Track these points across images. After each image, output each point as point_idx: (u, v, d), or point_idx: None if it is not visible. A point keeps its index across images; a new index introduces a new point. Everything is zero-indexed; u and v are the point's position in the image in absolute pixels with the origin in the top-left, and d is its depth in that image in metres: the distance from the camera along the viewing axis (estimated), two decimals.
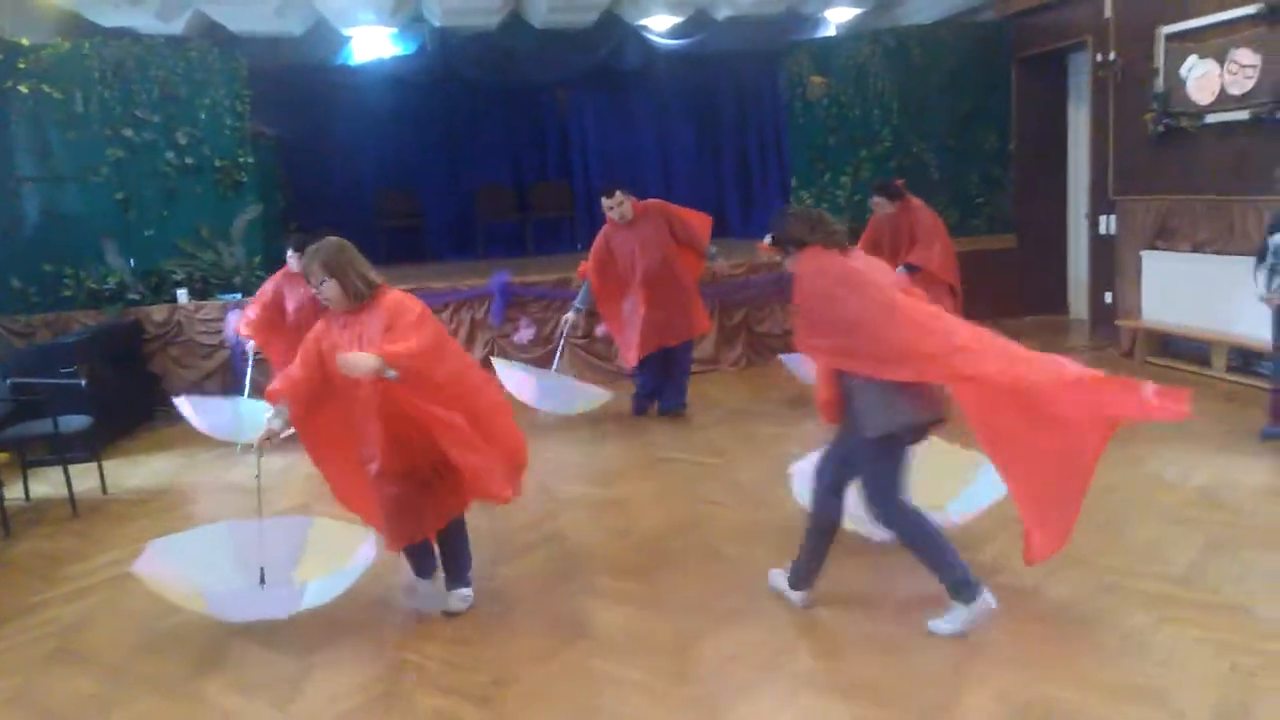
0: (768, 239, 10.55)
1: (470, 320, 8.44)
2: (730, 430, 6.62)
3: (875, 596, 3.93)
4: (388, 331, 3.66)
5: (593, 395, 7.07)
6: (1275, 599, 3.70)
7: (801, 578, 3.90)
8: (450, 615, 4.03)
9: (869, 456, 3.59)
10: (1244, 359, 7.18)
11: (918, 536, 3.62)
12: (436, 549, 4.18)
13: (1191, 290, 7.57)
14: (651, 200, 6.89)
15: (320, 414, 3.92)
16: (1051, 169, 10.01)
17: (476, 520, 5.08)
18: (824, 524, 3.83)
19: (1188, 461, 5.38)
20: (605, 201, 6.68)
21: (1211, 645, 3.39)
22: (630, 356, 6.84)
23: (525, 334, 8.43)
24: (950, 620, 3.57)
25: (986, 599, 3.53)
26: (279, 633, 3.94)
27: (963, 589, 3.53)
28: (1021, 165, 10.00)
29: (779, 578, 4.02)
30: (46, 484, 6.08)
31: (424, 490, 3.89)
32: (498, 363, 7.10)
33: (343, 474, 4.07)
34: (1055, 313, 9.98)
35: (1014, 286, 9.86)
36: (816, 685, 3.32)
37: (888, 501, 3.62)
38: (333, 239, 3.87)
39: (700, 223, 6.94)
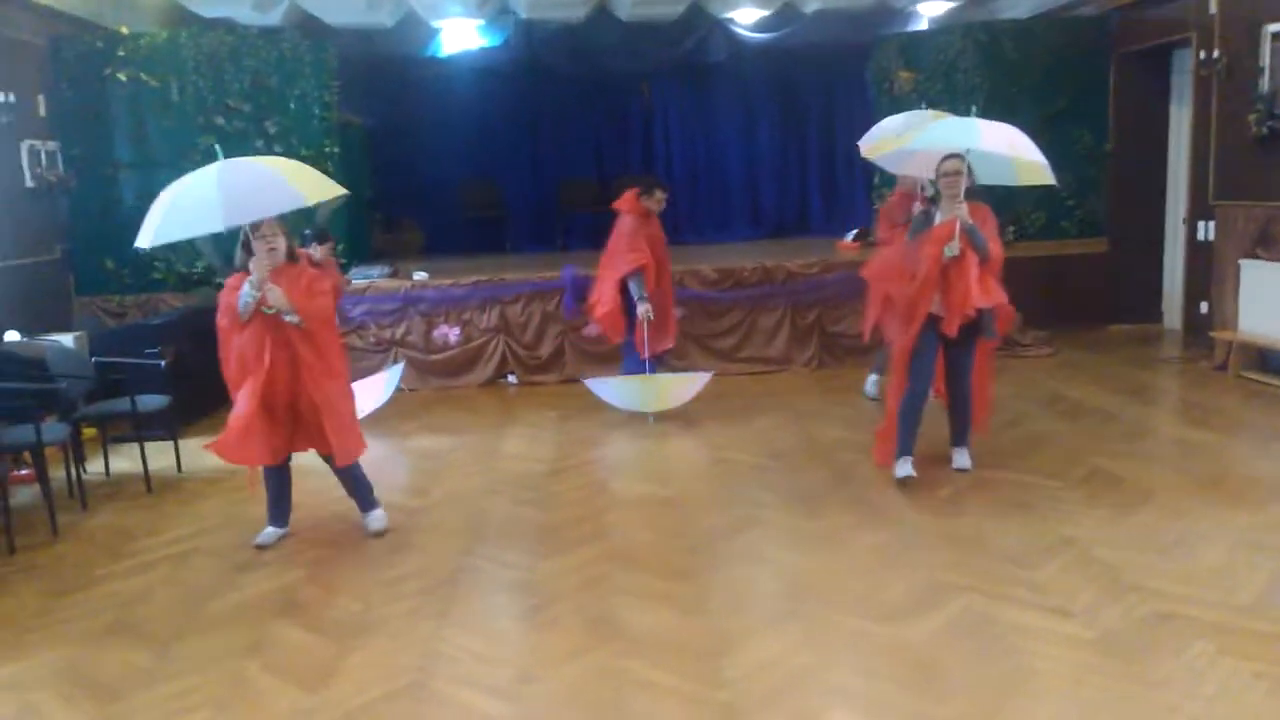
0: (849, 236, 10.58)
1: (541, 312, 8.48)
2: (794, 432, 6.52)
3: (919, 614, 3.82)
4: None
5: (694, 380, 7.03)
6: None
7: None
8: (378, 535, 4.85)
9: None
10: None
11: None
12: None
13: None
14: None
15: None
16: (1150, 171, 9.59)
17: (528, 513, 5.14)
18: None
19: (1271, 483, 5.09)
20: (661, 195, 6.91)
21: (1270, 681, 3.20)
22: (667, 342, 7.09)
23: (594, 327, 8.42)
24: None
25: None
26: (322, 617, 4.03)
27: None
28: (1118, 166, 9.60)
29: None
30: (127, 460, 6.32)
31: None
32: (590, 382, 7.12)
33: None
34: (1148, 322, 9.56)
35: (1105, 293, 9.49)
36: (849, 702, 3.24)
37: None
38: None
39: None
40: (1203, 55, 8.18)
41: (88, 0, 8.43)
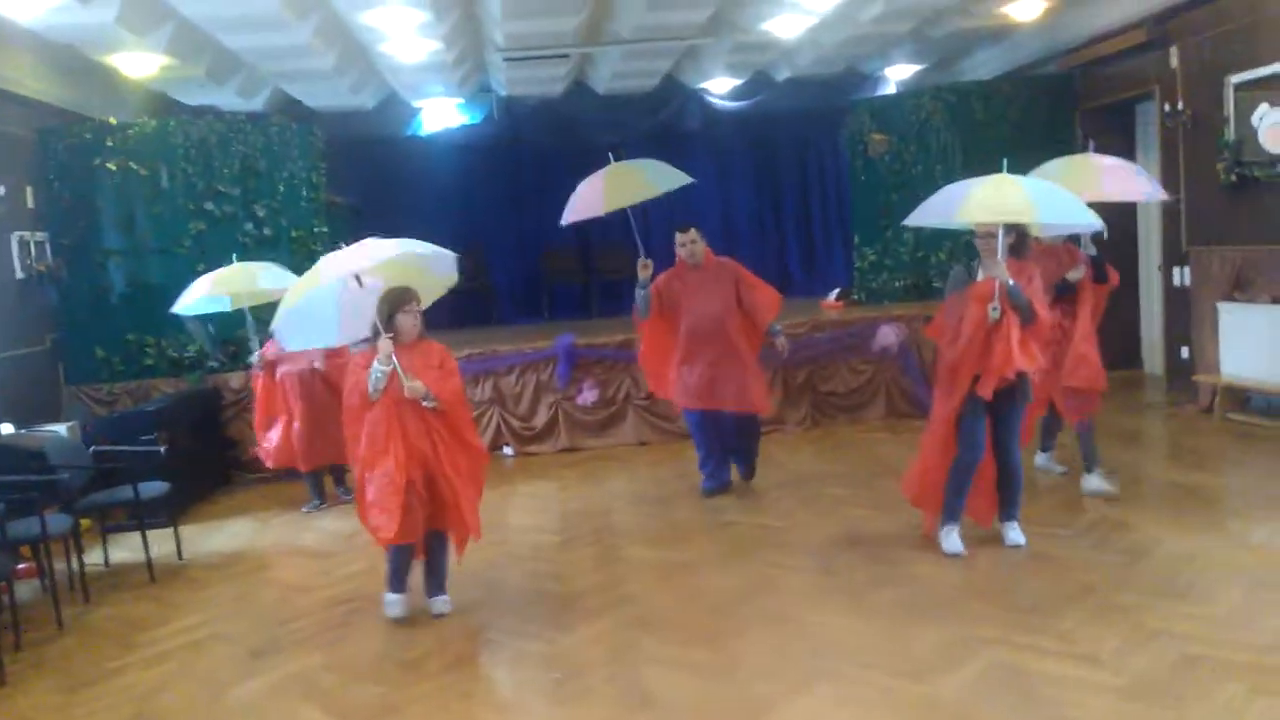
0: (832, 295, 10.55)
1: (535, 382, 8.51)
2: (796, 492, 6.55)
3: (948, 668, 3.83)
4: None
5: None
6: None
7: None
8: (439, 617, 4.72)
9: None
10: None
11: None
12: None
13: (1273, 344, 7.34)
14: (726, 258, 6.61)
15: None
16: (1122, 220, 9.78)
17: (544, 585, 5.11)
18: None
19: (1274, 523, 5.17)
20: (679, 237, 6.37)
21: None
22: (665, 392, 6.62)
23: (589, 395, 8.47)
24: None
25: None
26: (346, 701, 3.97)
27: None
28: None
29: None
30: (126, 549, 6.22)
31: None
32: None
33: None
34: (1128, 368, 9.73)
35: None
36: None
37: None
38: None
39: (769, 297, 6.47)
40: (1167, 108, 8.47)
41: (75, 92, 8.50)
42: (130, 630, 4.96)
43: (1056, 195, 4.91)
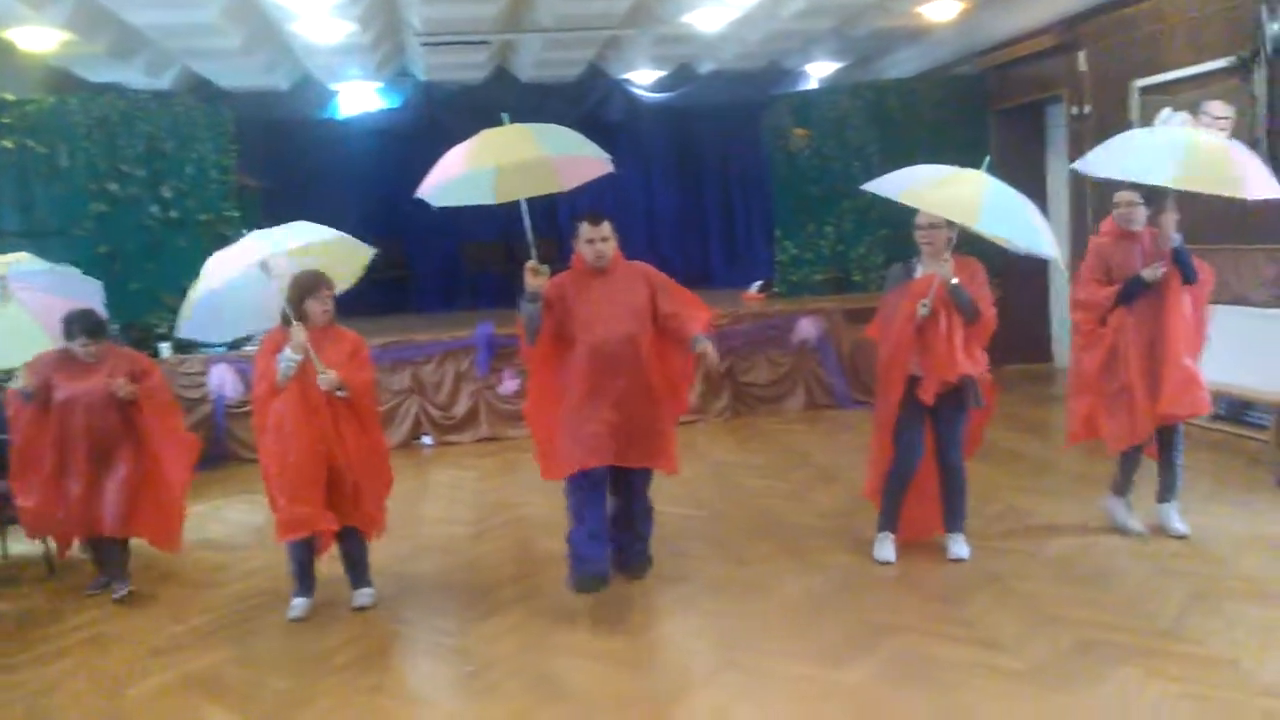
0: (754, 287, 10.47)
1: (455, 372, 8.42)
2: (714, 482, 6.60)
3: (856, 656, 3.89)
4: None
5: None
6: (1263, 652, 3.67)
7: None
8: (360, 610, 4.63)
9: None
10: (1232, 408, 7.17)
11: None
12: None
13: None
14: (639, 261, 4.84)
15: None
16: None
17: (457, 577, 5.06)
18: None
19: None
20: (586, 230, 4.58)
21: (1197, 701, 3.36)
22: (556, 468, 4.65)
23: (510, 385, 8.40)
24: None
25: None
26: (250, 698, 3.87)
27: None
28: None
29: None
30: (25, 543, 5.97)
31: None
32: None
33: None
34: (1039, 361, 10.01)
35: (997, 336, 9.85)
36: None
37: None
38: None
39: (698, 309, 4.75)
40: (1074, 110, 8.71)
41: None
42: (25, 626, 4.77)
43: (1015, 213, 4.45)
